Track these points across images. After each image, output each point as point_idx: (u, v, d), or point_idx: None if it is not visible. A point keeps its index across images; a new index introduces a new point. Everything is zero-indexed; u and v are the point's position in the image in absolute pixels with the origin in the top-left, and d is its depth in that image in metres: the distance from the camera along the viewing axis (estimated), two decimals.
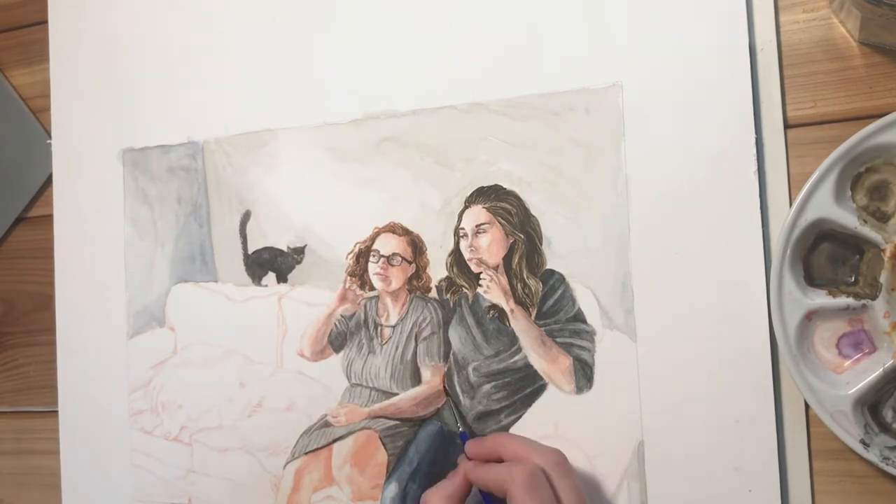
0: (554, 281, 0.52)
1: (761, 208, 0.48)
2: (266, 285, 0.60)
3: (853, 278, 0.47)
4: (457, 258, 0.55)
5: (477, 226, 0.54)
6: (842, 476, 0.48)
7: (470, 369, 0.54)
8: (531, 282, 0.53)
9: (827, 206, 0.46)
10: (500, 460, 0.48)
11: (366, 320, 0.57)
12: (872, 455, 0.45)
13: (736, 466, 0.48)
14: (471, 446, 0.50)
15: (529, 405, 0.53)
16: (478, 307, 0.54)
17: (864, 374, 0.46)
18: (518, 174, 0.54)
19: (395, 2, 0.57)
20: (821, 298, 0.47)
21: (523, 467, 0.45)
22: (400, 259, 0.56)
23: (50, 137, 0.67)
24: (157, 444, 0.62)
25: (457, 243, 0.55)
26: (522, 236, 0.53)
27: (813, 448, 0.48)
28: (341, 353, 0.58)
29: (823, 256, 0.48)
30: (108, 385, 0.63)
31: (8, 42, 0.70)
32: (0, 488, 0.68)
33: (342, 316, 0.58)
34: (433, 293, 0.56)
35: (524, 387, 0.53)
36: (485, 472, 0.47)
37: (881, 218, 0.46)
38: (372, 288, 0.57)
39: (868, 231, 0.46)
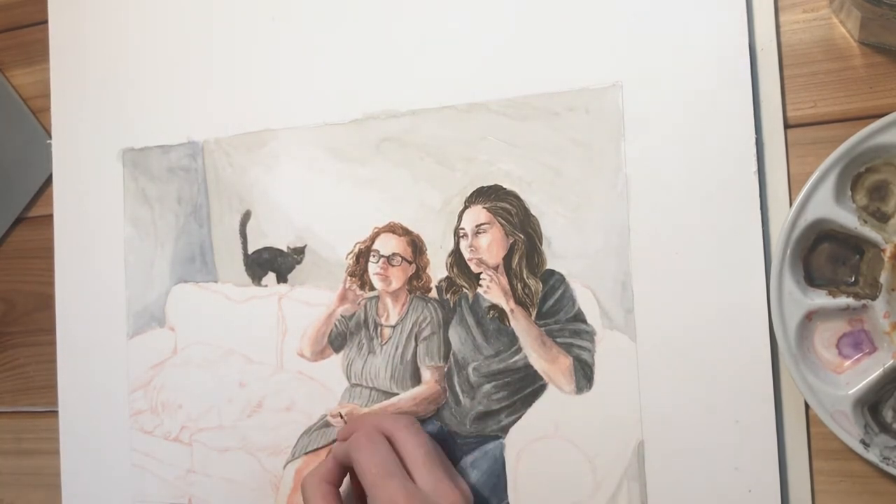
0: (554, 281, 0.52)
1: (761, 208, 0.48)
2: (266, 285, 0.60)
3: (853, 278, 0.47)
4: (457, 258, 0.55)
5: (477, 226, 0.54)
6: (842, 476, 0.48)
7: (470, 369, 0.54)
8: (531, 282, 0.53)
9: (827, 206, 0.46)
10: None
11: (366, 320, 0.57)
12: (872, 455, 0.45)
13: (736, 466, 0.48)
14: (339, 433, 0.53)
15: (529, 405, 0.53)
16: (478, 307, 0.54)
17: (864, 374, 0.46)
18: (518, 174, 0.54)
19: (395, 2, 0.57)
20: (821, 298, 0.47)
21: (361, 430, 0.48)
22: (400, 259, 0.56)
23: (50, 137, 0.67)
24: (157, 444, 0.62)
25: (457, 243, 0.55)
26: (522, 236, 0.53)
27: (813, 448, 0.48)
28: (341, 353, 0.58)
29: (823, 256, 0.48)
30: (108, 385, 0.63)
31: (8, 42, 0.70)
32: (0, 488, 0.68)
33: (342, 316, 0.58)
34: (433, 293, 0.56)
35: (524, 387, 0.53)
36: (338, 448, 0.50)
37: (881, 218, 0.46)
38: (372, 288, 0.57)
39: (868, 231, 0.46)
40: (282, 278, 0.59)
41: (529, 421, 0.53)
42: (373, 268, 0.57)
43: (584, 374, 0.51)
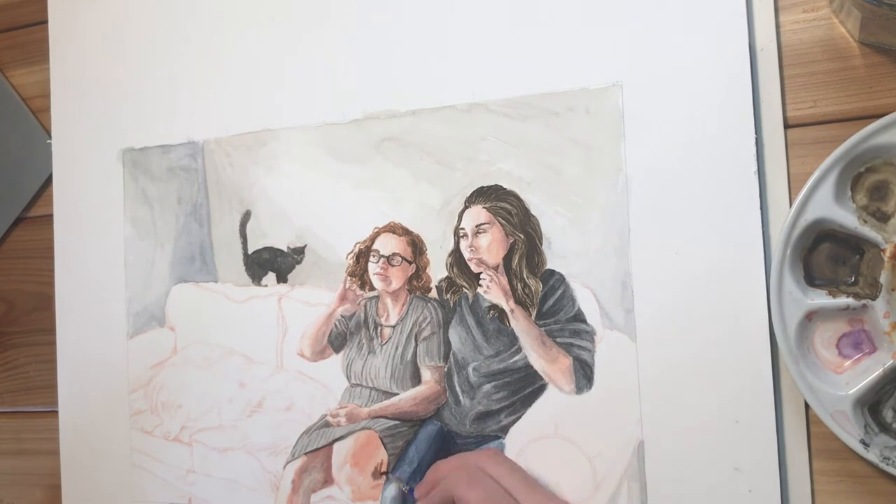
0: (554, 281, 0.52)
1: (761, 208, 0.48)
2: (266, 285, 0.60)
3: (853, 278, 0.47)
4: (457, 258, 0.55)
5: (477, 226, 0.54)
6: (842, 476, 0.48)
7: (470, 369, 0.54)
8: (531, 282, 0.53)
9: (827, 206, 0.46)
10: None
11: (366, 320, 0.57)
12: (872, 455, 0.45)
13: (736, 466, 0.48)
14: (417, 489, 0.52)
15: (529, 405, 0.53)
16: (478, 307, 0.54)
17: (864, 374, 0.46)
18: (518, 174, 0.54)
19: (396, 2, 0.57)
20: (821, 298, 0.47)
21: (459, 471, 0.47)
22: (400, 259, 0.56)
23: (50, 137, 0.67)
24: (157, 444, 0.62)
25: (457, 243, 0.55)
26: (522, 236, 0.53)
27: (813, 448, 0.48)
28: (341, 353, 0.58)
29: (823, 256, 0.48)
30: (108, 385, 0.63)
31: (8, 42, 0.70)
32: (0, 488, 0.68)
33: (342, 316, 0.58)
34: (433, 293, 0.56)
35: (524, 387, 0.53)
36: (431, 498, 0.49)
37: (881, 218, 0.46)
38: (372, 288, 0.57)
39: (868, 231, 0.46)
40: (282, 278, 0.59)
41: (529, 421, 0.53)
42: (373, 268, 0.57)
43: (584, 374, 0.51)
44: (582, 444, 0.51)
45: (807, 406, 0.48)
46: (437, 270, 0.55)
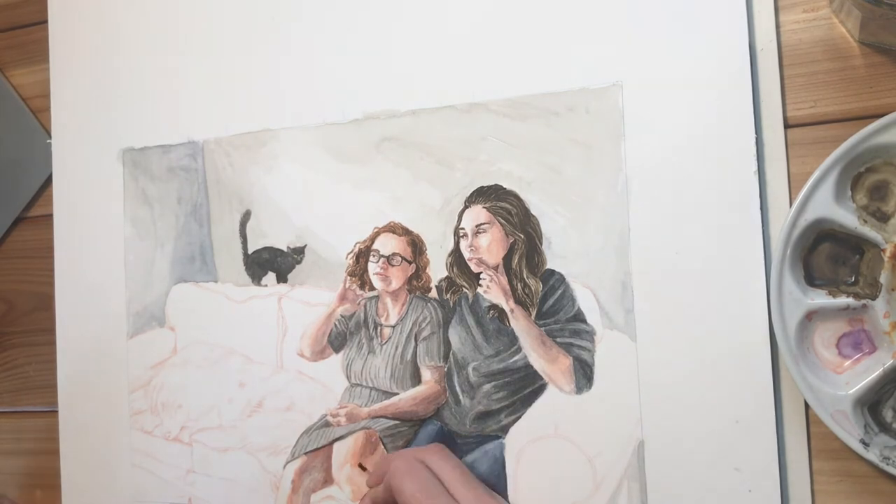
0: (554, 281, 0.52)
1: (761, 208, 0.48)
2: (266, 285, 0.60)
3: (853, 278, 0.47)
4: (457, 258, 0.55)
5: (477, 226, 0.54)
6: (842, 476, 0.48)
7: (470, 369, 0.54)
8: (531, 282, 0.53)
9: (827, 206, 0.46)
10: None
11: (366, 320, 0.57)
12: (872, 455, 0.45)
13: (736, 466, 0.48)
14: (368, 479, 0.53)
15: (529, 405, 0.53)
16: (478, 307, 0.54)
17: (864, 374, 0.46)
18: (518, 174, 0.54)
19: (396, 2, 0.57)
20: (821, 298, 0.47)
21: (398, 461, 0.49)
22: (400, 259, 0.56)
23: (50, 137, 0.67)
24: (157, 444, 0.62)
25: (457, 243, 0.55)
26: (522, 236, 0.53)
27: (813, 448, 0.48)
28: (341, 353, 0.58)
29: (823, 256, 0.48)
30: (108, 385, 0.63)
31: (8, 42, 0.70)
32: (0, 488, 0.68)
33: (342, 316, 0.58)
34: (433, 293, 0.56)
35: (524, 387, 0.53)
36: (376, 491, 0.50)
37: (881, 218, 0.46)
38: (372, 288, 0.57)
39: (868, 231, 0.46)
40: (282, 278, 0.59)
41: (529, 421, 0.53)
42: (373, 267, 0.57)
43: (584, 374, 0.51)
44: (582, 444, 0.51)
45: (807, 406, 0.48)
46: (437, 270, 0.55)
